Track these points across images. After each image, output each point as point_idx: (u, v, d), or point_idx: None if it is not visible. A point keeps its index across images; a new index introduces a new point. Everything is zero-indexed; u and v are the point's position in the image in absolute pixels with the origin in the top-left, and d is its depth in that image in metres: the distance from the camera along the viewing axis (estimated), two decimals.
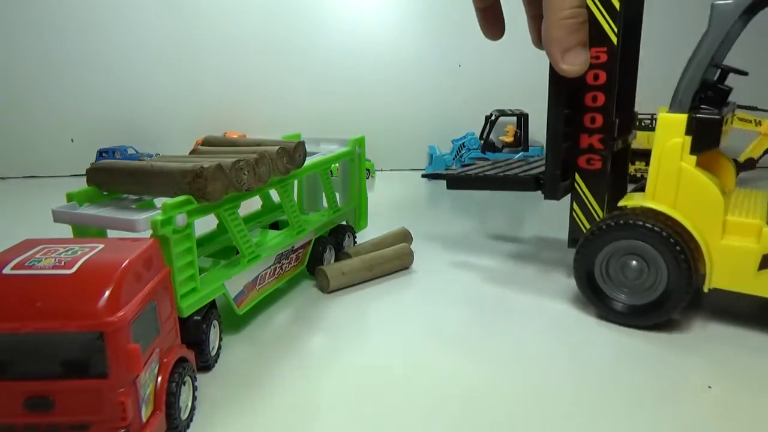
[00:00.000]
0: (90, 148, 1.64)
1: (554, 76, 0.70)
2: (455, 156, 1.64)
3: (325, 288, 0.78)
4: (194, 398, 0.51)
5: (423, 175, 1.22)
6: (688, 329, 0.68)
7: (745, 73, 0.74)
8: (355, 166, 0.92)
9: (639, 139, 1.39)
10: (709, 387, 0.55)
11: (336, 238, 0.88)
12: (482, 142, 1.63)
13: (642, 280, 0.67)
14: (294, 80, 1.72)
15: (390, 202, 1.32)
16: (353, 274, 0.80)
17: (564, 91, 0.71)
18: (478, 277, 0.85)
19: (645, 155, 0.80)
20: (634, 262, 0.67)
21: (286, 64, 1.71)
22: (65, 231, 0.57)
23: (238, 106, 1.73)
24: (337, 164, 0.93)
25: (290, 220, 0.76)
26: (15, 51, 1.64)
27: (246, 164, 0.62)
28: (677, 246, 0.64)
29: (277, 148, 0.69)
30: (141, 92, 1.71)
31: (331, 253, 0.86)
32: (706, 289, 0.66)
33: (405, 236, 0.96)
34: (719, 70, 0.69)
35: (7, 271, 0.40)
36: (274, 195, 0.84)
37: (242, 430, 0.49)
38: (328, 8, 1.68)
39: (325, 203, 0.87)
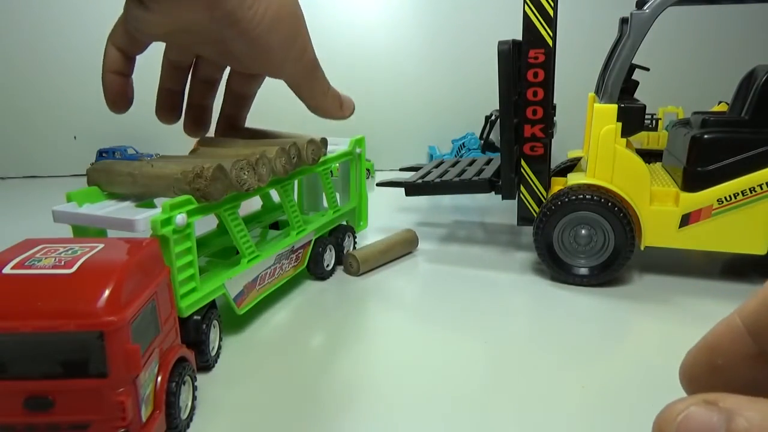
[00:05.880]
0: (90, 148, 1.64)
1: (504, 91, 0.81)
2: (455, 156, 1.64)
3: (355, 272, 0.85)
4: (194, 398, 0.51)
5: (378, 184, 1.11)
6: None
7: (647, 69, 0.87)
8: (355, 166, 0.92)
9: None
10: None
11: (336, 238, 0.88)
12: (482, 142, 1.63)
13: (592, 244, 0.79)
14: None
15: (390, 202, 1.32)
16: (375, 257, 0.88)
17: (512, 100, 0.81)
18: (479, 273, 0.85)
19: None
20: (584, 231, 0.79)
21: None
22: (65, 231, 0.57)
23: None
24: (337, 164, 0.93)
25: (290, 220, 0.76)
26: (15, 51, 1.64)
27: (246, 164, 0.62)
28: (621, 213, 0.76)
29: (276, 147, 0.69)
30: (141, 92, 1.71)
31: (331, 254, 0.86)
32: (642, 248, 0.79)
33: (411, 241, 0.96)
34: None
35: (7, 270, 0.40)
36: (274, 195, 0.84)
37: (242, 430, 0.49)
38: (327, 7, 1.68)
39: (325, 203, 0.87)
